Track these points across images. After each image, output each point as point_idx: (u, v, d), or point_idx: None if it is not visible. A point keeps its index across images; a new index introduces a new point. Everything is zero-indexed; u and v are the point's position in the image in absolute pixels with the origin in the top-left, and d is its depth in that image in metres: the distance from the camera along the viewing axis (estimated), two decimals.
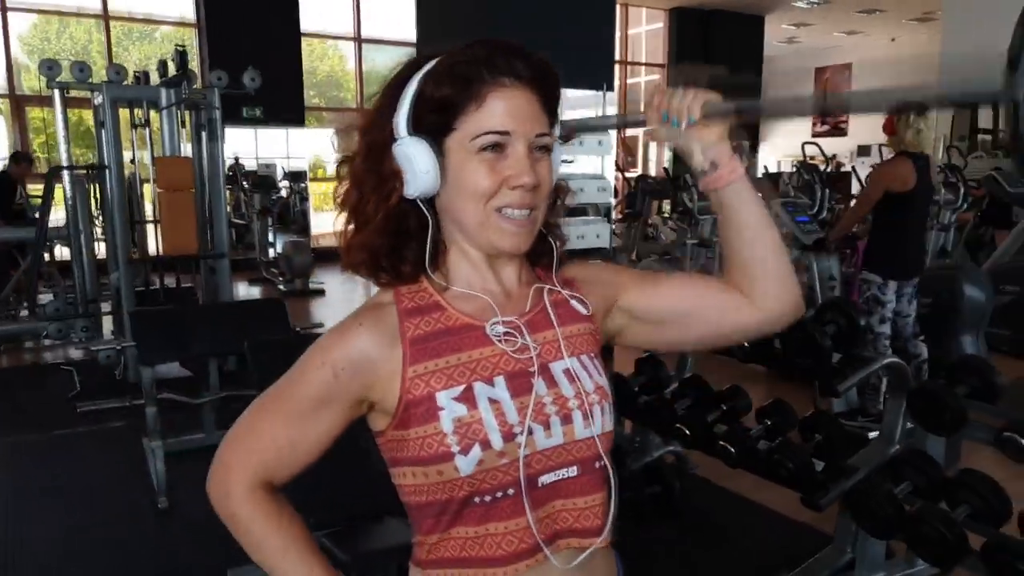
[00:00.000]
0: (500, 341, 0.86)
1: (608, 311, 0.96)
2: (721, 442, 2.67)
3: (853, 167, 11.03)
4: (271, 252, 9.66)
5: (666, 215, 9.78)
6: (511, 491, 0.83)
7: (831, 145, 12.20)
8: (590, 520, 0.88)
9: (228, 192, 7.44)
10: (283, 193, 10.09)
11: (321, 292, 8.65)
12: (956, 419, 2.17)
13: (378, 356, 0.84)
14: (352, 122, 0.89)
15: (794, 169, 8.86)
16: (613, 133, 8.16)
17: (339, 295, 8.77)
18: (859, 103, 1.06)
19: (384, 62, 12.17)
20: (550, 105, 0.86)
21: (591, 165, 6.74)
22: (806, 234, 4.43)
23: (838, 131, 16.14)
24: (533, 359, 0.87)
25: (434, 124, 0.83)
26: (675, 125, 0.89)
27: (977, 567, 1.96)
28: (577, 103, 8.93)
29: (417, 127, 0.83)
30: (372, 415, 0.88)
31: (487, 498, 0.83)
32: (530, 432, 0.83)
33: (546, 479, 0.85)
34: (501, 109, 0.82)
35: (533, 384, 0.85)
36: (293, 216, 10.15)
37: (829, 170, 10.39)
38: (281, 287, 8.63)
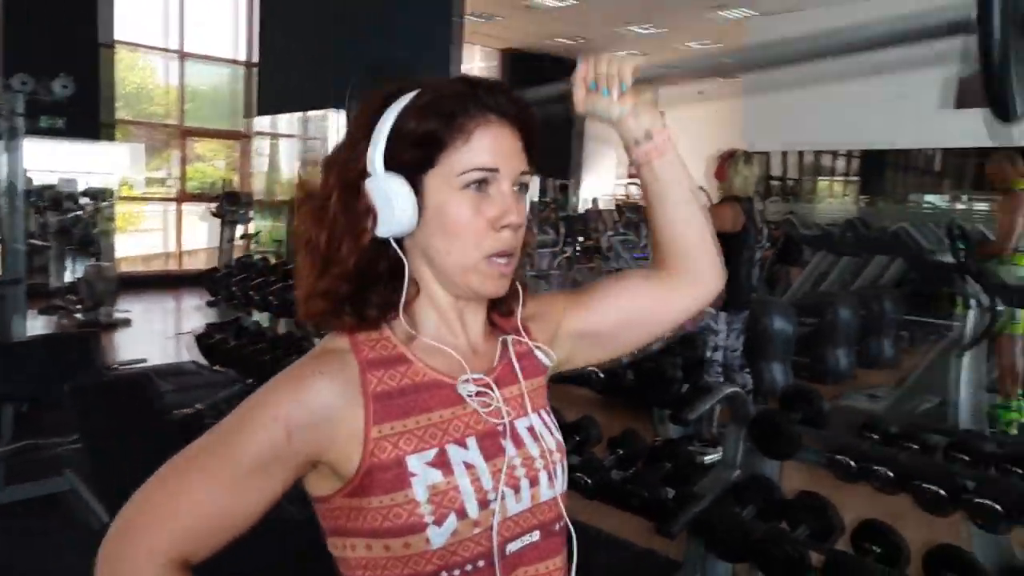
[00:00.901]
0: (472, 400, 0.79)
1: (552, 342, 0.91)
2: (577, 473, 2.71)
3: None
4: (67, 277, 8.68)
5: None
6: (481, 563, 0.77)
7: None
8: None
9: None
10: (81, 213, 9.11)
11: (127, 322, 7.89)
12: (792, 444, 2.35)
13: (340, 412, 0.75)
14: (322, 159, 0.81)
15: (615, 207, 9.44)
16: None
17: (145, 325, 8.04)
18: (780, 55, 0.98)
19: (199, 77, 11.48)
20: (530, 144, 0.83)
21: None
22: None
23: None
24: (505, 419, 0.81)
25: (414, 159, 0.77)
26: (605, 94, 0.86)
27: None
28: None
29: (394, 162, 0.76)
30: (315, 477, 0.77)
31: (456, 572, 0.76)
32: (502, 498, 0.77)
33: (513, 547, 0.80)
34: (488, 145, 0.78)
35: (503, 445, 0.80)
36: (93, 238, 9.20)
37: None
38: (79, 316, 7.75)
